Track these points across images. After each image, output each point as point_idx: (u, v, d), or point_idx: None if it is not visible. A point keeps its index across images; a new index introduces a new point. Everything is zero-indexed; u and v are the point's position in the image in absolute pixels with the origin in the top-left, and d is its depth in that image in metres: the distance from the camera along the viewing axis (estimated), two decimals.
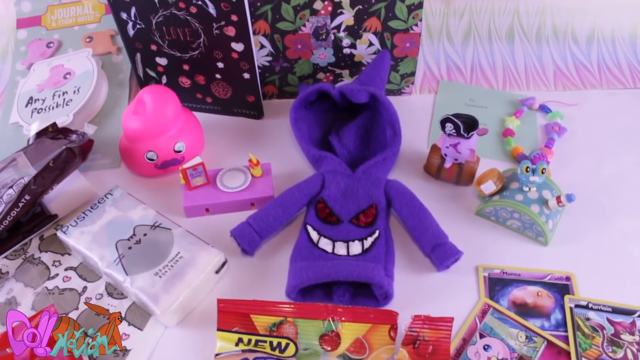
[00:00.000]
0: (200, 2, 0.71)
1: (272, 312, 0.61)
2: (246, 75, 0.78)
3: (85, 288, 0.68)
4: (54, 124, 0.80)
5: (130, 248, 0.66)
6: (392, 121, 0.73)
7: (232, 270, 0.68)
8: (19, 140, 0.83)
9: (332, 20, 0.76)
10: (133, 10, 0.75)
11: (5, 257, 0.72)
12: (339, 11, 0.76)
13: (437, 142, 0.74)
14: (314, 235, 0.68)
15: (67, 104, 0.83)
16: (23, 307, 0.67)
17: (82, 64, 0.86)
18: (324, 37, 0.78)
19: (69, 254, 0.72)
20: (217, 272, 0.66)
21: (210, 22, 0.73)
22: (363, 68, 0.82)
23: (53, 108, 0.84)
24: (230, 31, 0.73)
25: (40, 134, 0.79)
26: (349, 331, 0.61)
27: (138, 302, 0.65)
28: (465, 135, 0.69)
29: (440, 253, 0.66)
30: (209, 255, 0.65)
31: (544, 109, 0.83)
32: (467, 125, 0.69)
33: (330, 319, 0.61)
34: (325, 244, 0.67)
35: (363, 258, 0.65)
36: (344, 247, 0.67)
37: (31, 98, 0.86)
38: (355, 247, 0.67)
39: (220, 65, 0.78)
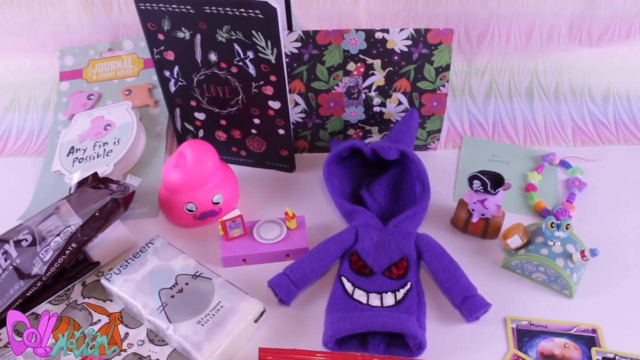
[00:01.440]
0: (241, 63, 0.76)
1: None
2: (281, 131, 0.82)
3: (127, 334, 0.71)
4: (95, 174, 0.84)
5: (172, 297, 0.69)
6: (421, 177, 0.77)
7: (269, 319, 0.71)
8: (60, 188, 0.87)
9: (364, 80, 0.81)
10: (176, 68, 0.80)
11: (49, 302, 0.74)
12: (370, 72, 0.80)
13: (464, 197, 0.77)
14: (348, 286, 0.71)
15: (107, 155, 0.87)
16: None
17: (122, 116, 0.91)
18: (355, 96, 0.82)
19: (111, 301, 0.75)
20: (255, 321, 0.69)
21: (249, 82, 0.78)
22: (392, 125, 0.86)
23: (94, 158, 0.88)
24: (268, 90, 0.78)
25: (81, 183, 0.83)
26: None
27: (180, 349, 0.67)
28: (492, 191, 0.73)
29: (470, 305, 0.68)
30: (249, 305, 0.68)
31: (564, 164, 0.87)
32: (493, 182, 0.73)
33: None
34: (359, 295, 0.70)
35: (397, 309, 0.68)
36: (377, 298, 0.69)
37: (72, 147, 0.90)
38: (389, 299, 0.69)
39: (257, 121, 0.82)
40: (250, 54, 0.75)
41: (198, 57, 0.77)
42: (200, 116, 0.85)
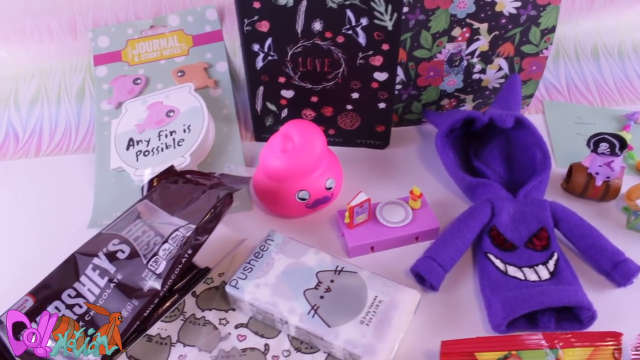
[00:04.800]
0: (350, 32, 0.68)
1: (496, 347, 0.59)
2: (381, 105, 0.76)
3: (267, 346, 0.62)
4: (172, 167, 0.73)
5: (322, 297, 0.62)
6: (540, 144, 0.74)
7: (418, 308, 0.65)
8: (125, 186, 0.76)
9: (467, 46, 0.76)
10: (268, 41, 0.71)
11: (162, 320, 0.64)
12: (475, 38, 0.75)
13: (583, 161, 0.75)
14: (498, 263, 0.66)
15: (179, 144, 0.76)
16: None
17: (185, 101, 0.79)
18: (457, 63, 0.77)
19: (233, 310, 0.65)
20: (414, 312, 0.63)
21: (356, 52, 0.70)
22: (487, 93, 0.82)
23: (162, 149, 0.76)
24: (377, 61, 0.71)
25: (158, 179, 0.72)
26: (572, 357, 0.60)
27: (341, 355, 0.60)
28: (619, 153, 0.71)
29: (623, 270, 0.66)
30: (408, 296, 0.62)
31: None
32: (621, 143, 0.71)
33: (552, 347, 0.60)
34: (514, 271, 0.66)
35: (557, 282, 0.65)
36: (533, 272, 0.66)
37: (131, 140, 0.78)
38: (543, 272, 0.66)
39: (355, 95, 0.75)
40: (364, 21, 0.67)
41: (299, 27, 0.69)
42: (288, 94, 0.76)
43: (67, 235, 0.71)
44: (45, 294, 0.63)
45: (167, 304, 0.63)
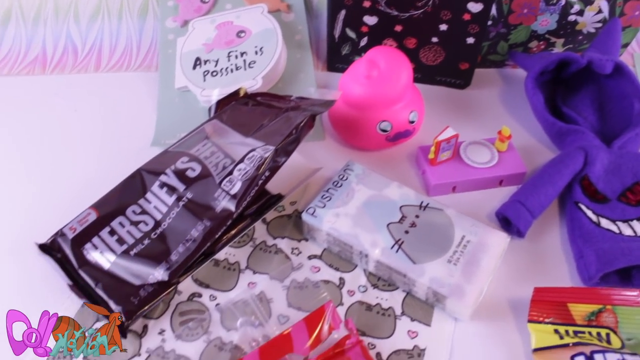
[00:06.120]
0: None
1: (590, 299, 0.55)
2: (470, 40, 0.70)
3: (342, 280, 0.59)
4: (241, 90, 0.69)
5: (406, 232, 0.58)
6: (639, 94, 0.68)
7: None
8: (188, 106, 0.72)
9: None
10: None
11: (231, 245, 0.60)
12: None
13: None
14: (590, 214, 0.62)
15: (250, 66, 0.72)
16: (277, 303, 0.56)
17: (257, 22, 0.75)
18: (554, 1, 0.71)
19: (306, 240, 0.62)
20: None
21: None
22: (579, 38, 0.76)
23: (231, 70, 0.72)
24: None
25: (228, 100, 0.68)
26: None
27: (424, 294, 0.56)
28: None
29: None
30: (497, 239, 0.58)
31: None
32: None
33: None
34: (607, 224, 0.61)
35: None
36: (628, 227, 0.61)
37: (198, 59, 0.73)
38: (639, 227, 0.62)
39: (443, 27, 0.70)
40: None
41: None
42: (371, 20, 0.71)
43: (129, 152, 0.67)
44: (108, 208, 0.60)
45: (237, 229, 0.59)
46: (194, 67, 0.73)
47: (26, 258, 0.59)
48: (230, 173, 0.58)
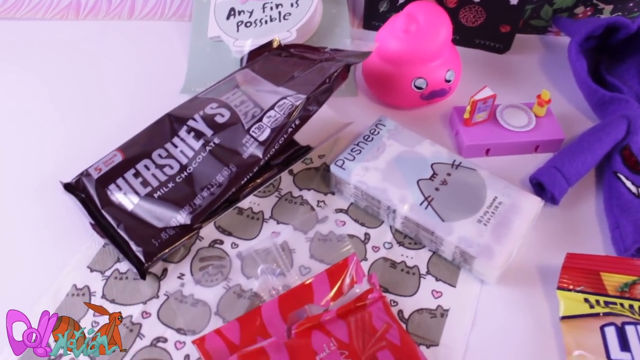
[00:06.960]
0: None
1: (624, 270, 0.53)
2: (513, 1, 0.68)
3: (367, 235, 0.57)
4: (274, 41, 0.67)
5: (437, 189, 0.56)
6: None
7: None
8: (220, 55, 0.71)
9: None
10: None
11: (256, 194, 0.59)
12: None
13: None
14: (629, 185, 0.59)
15: (284, 18, 0.70)
16: (299, 254, 0.55)
17: None
18: None
19: (333, 194, 0.60)
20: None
21: None
22: (630, 4, 0.73)
23: (266, 22, 0.71)
24: None
25: (261, 51, 0.67)
26: None
27: (450, 254, 0.54)
28: None
29: None
30: (530, 202, 0.56)
31: None
32: None
33: None
34: None
35: None
36: None
37: (233, 9, 0.72)
38: None
39: None
40: None
41: None
42: None
43: (158, 98, 0.66)
44: (135, 151, 0.59)
45: (263, 177, 0.58)
46: (228, 18, 0.72)
47: (53, 197, 0.59)
48: (260, 120, 0.57)
